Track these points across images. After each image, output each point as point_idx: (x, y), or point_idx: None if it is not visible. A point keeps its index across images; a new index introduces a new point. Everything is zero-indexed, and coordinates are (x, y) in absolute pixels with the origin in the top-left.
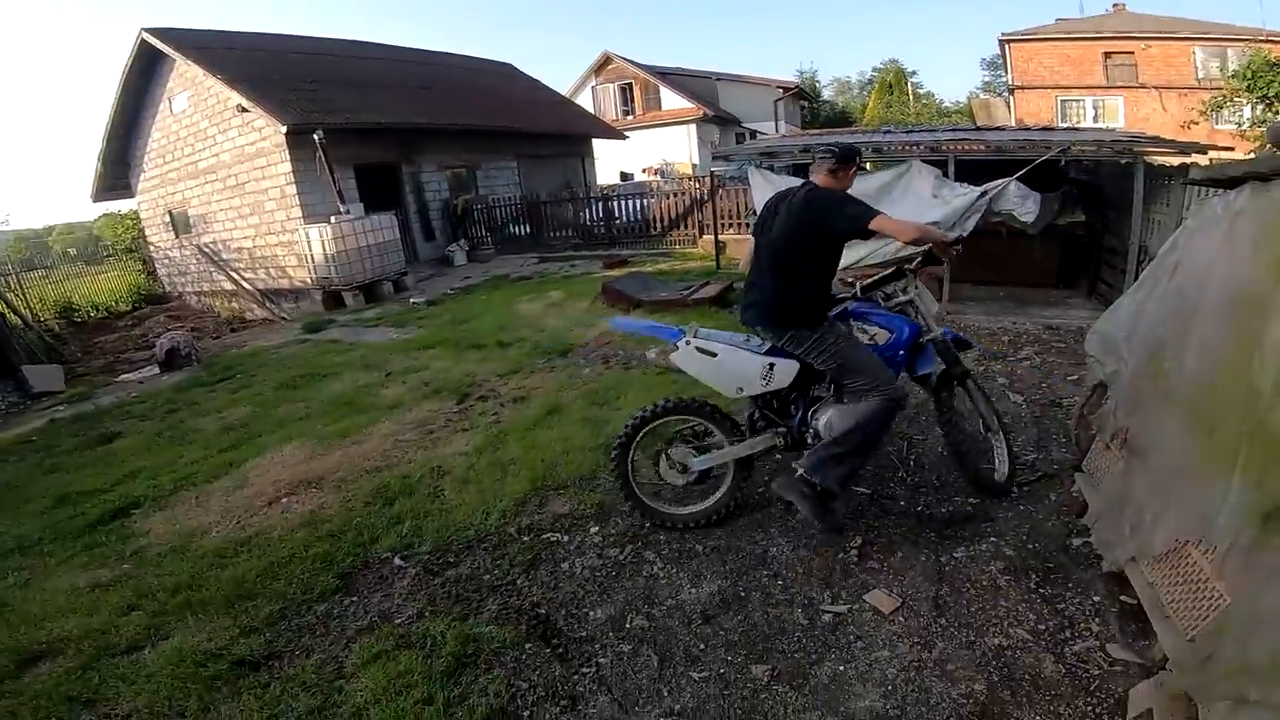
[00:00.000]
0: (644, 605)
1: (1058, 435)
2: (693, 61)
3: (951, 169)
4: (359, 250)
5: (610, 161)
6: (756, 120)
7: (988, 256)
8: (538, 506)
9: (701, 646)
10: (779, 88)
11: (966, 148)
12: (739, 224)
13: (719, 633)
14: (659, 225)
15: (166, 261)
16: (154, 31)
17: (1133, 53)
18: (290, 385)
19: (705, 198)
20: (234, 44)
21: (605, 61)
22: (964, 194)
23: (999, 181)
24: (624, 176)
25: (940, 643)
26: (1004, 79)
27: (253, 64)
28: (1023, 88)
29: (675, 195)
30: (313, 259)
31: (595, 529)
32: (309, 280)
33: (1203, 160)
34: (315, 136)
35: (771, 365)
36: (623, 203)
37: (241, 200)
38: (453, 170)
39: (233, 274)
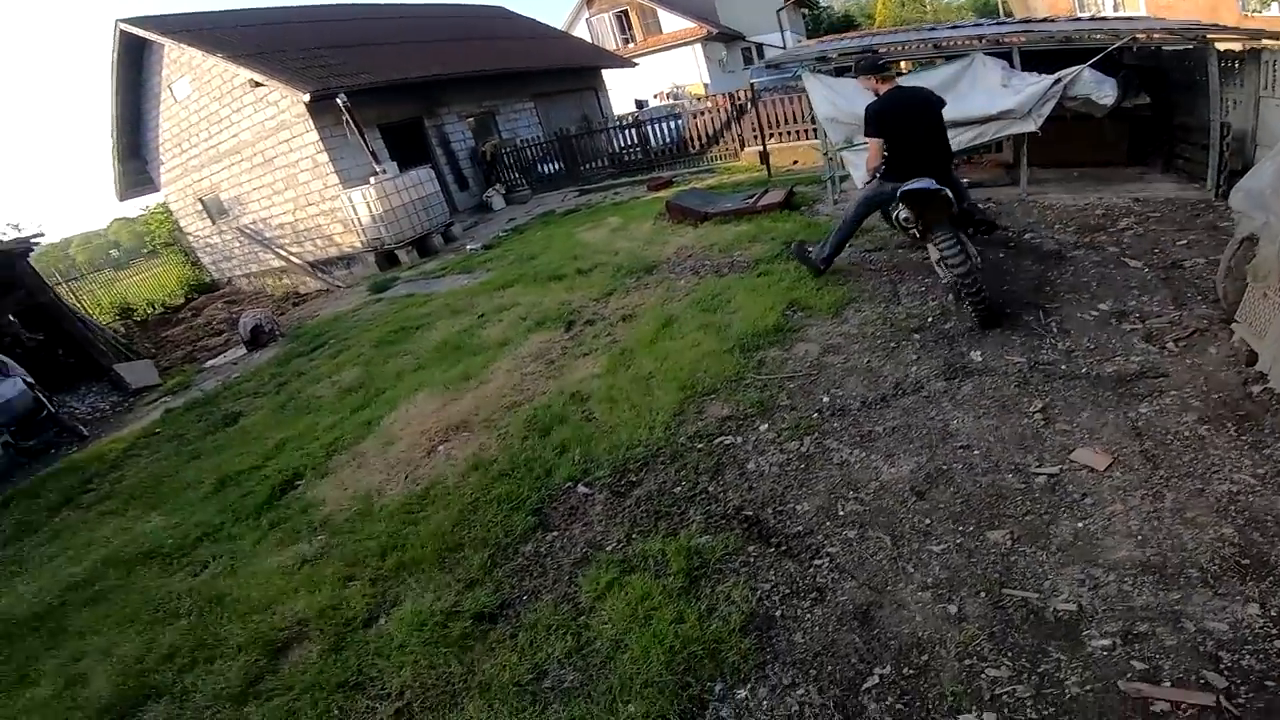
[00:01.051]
0: (849, 491)
1: (1189, 293)
2: None
3: (1017, 60)
4: (405, 207)
5: (622, 92)
6: (761, 33)
7: (1058, 140)
8: (697, 413)
9: (927, 521)
10: None
11: (1031, 39)
12: (779, 133)
13: (938, 506)
14: (697, 144)
15: (209, 249)
16: (132, 21)
17: None
18: (389, 341)
19: (744, 109)
20: (231, 21)
21: None
22: (1036, 82)
23: (1073, 69)
24: (639, 104)
25: (1170, 493)
26: None
27: (256, 38)
28: None
29: (709, 112)
30: (360, 222)
31: (765, 426)
32: (359, 244)
33: (1273, 44)
34: (339, 100)
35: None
36: (657, 126)
37: (273, 176)
38: (475, 118)
39: (279, 250)
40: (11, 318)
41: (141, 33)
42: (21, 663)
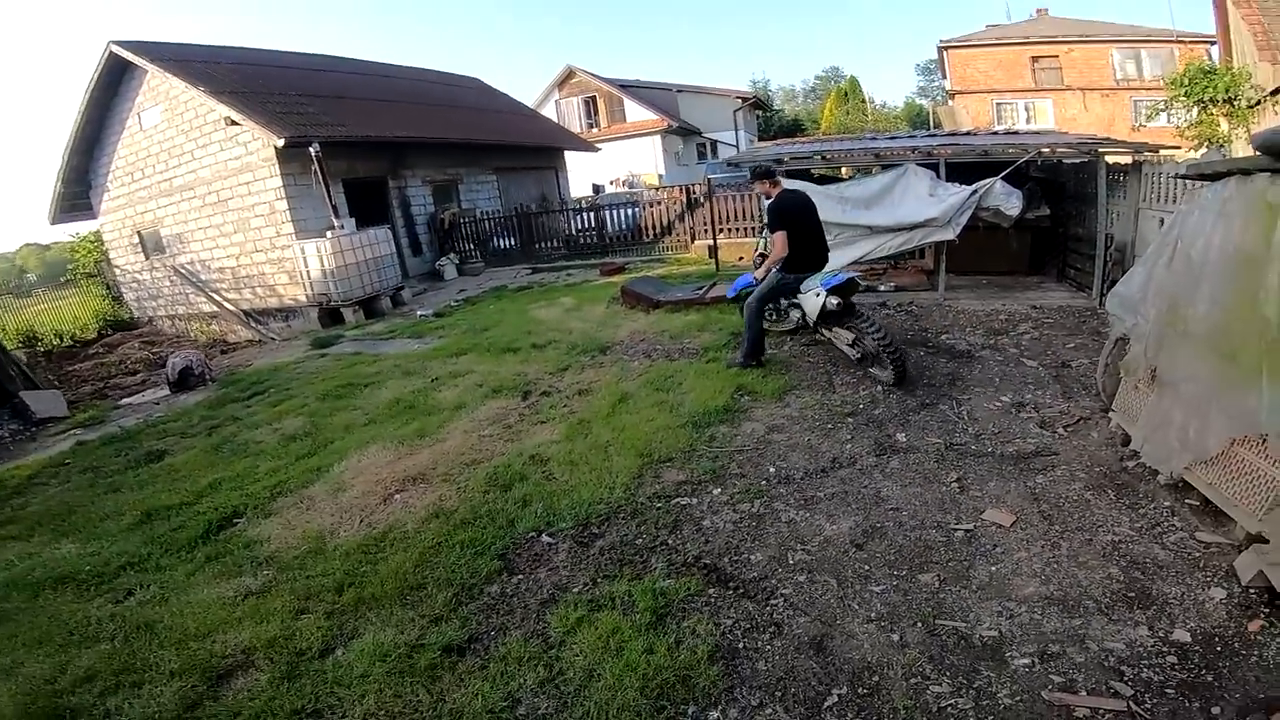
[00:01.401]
0: (797, 544)
1: (1076, 388)
2: (645, 73)
3: (943, 171)
4: (358, 265)
5: (581, 175)
6: (717, 130)
7: (971, 249)
8: (654, 478)
9: (866, 567)
10: (738, 98)
11: (955, 151)
12: (728, 228)
13: (875, 555)
14: (651, 233)
15: (135, 285)
16: (125, 44)
17: (1057, 56)
18: (335, 395)
19: (697, 203)
20: (217, 57)
21: (568, 75)
22: (957, 193)
23: (987, 181)
24: (596, 189)
25: (1064, 543)
26: (940, 84)
27: (240, 77)
28: (961, 92)
29: (664, 203)
30: (309, 275)
31: (718, 490)
32: (304, 298)
33: (1153, 157)
34: (312, 150)
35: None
36: (615, 212)
37: (224, 218)
38: (437, 184)
39: (214, 295)
40: None
41: (131, 56)
42: None
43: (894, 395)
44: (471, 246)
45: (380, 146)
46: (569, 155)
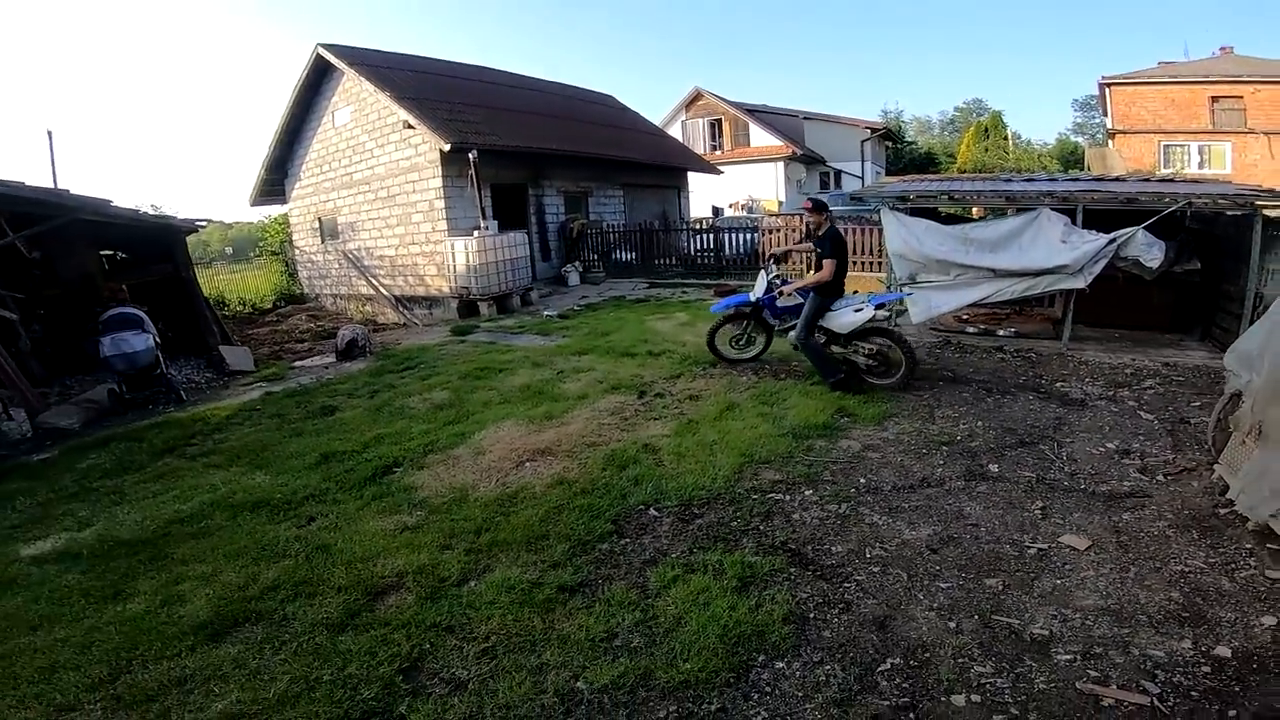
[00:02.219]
0: (876, 542)
1: (1188, 443)
2: (776, 99)
3: (1080, 218)
4: (497, 264)
5: (701, 196)
6: (842, 160)
7: (1105, 300)
8: (753, 475)
9: (937, 568)
10: (866, 128)
11: (1096, 198)
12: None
13: (947, 559)
14: (766, 258)
15: (309, 265)
16: (329, 47)
17: (1241, 96)
18: (474, 376)
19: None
20: (399, 64)
21: (696, 97)
22: (1093, 240)
23: (1127, 230)
24: (715, 210)
25: (1133, 568)
26: (1100, 121)
27: (416, 85)
28: (1123, 132)
29: (783, 230)
30: (454, 269)
31: (809, 491)
32: (447, 289)
33: None
34: (470, 156)
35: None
36: (733, 235)
37: (390, 211)
38: (569, 195)
39: (373, 279)
40: (123, 286)
41: (332, 58)
42: (116, 580)
43: (993, 431)
44: (595, 256)
45: (523, 156)
46: (691, 176)
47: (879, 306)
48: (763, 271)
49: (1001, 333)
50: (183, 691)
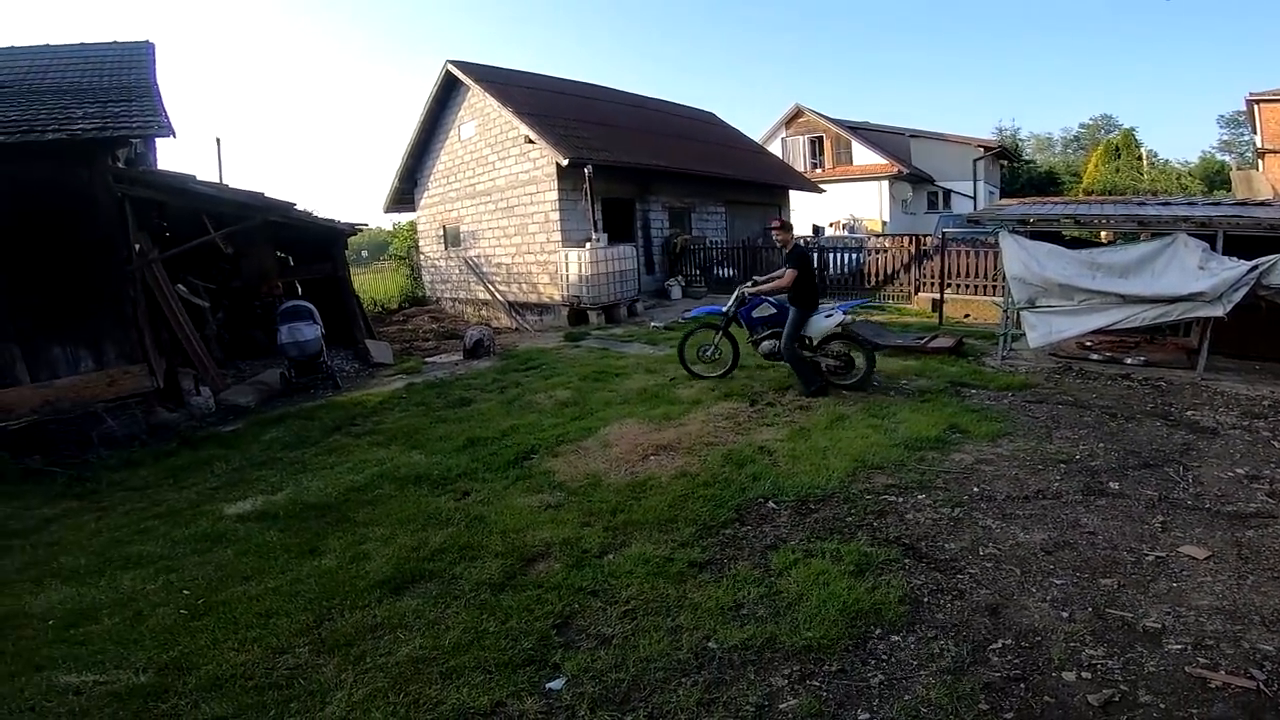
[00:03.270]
0: (989, 542)
1: None
2: (879, 117)
3: (1220, 244)
4: (607, 275)
5: (802, 214)
6: (953, 179)
7: (1247, 330)
8: (866, 479)
9: (1050, 566)
10: (979, 146)
11: (1238, 223)
12: (957, 284)
13: (1061, 560)
14: (873, 279)
15: (432, 270)
16: (457, 64)
17: None
18: (593, 378)
19: (927, 255)
20: (518, 81)
21: (796, 114)
22: (1233, 267)
23: (1271, 257)
24: (815, 229)
25: (1251, 577)
26: (1249, 139)
27: (534, 101)
28: (1274, 151)
29: (890, 251)
30: (567, 279)
31: (922, 496)
32: (558, 297)
33: None
34: (586, 170)
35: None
36: (837, 254)
37: (509, 221)
38: (674, 210)
39: (490, 285)
40: (279, 283)
41: (460, 74)
42: (310, 538)
43: (1114, 453)
44: (697, 271)
45: (632, 171)
46: (792, 194)
47: (845, 313)
48: (739, 289)
49: (1129, 360)
50: (375, 637)
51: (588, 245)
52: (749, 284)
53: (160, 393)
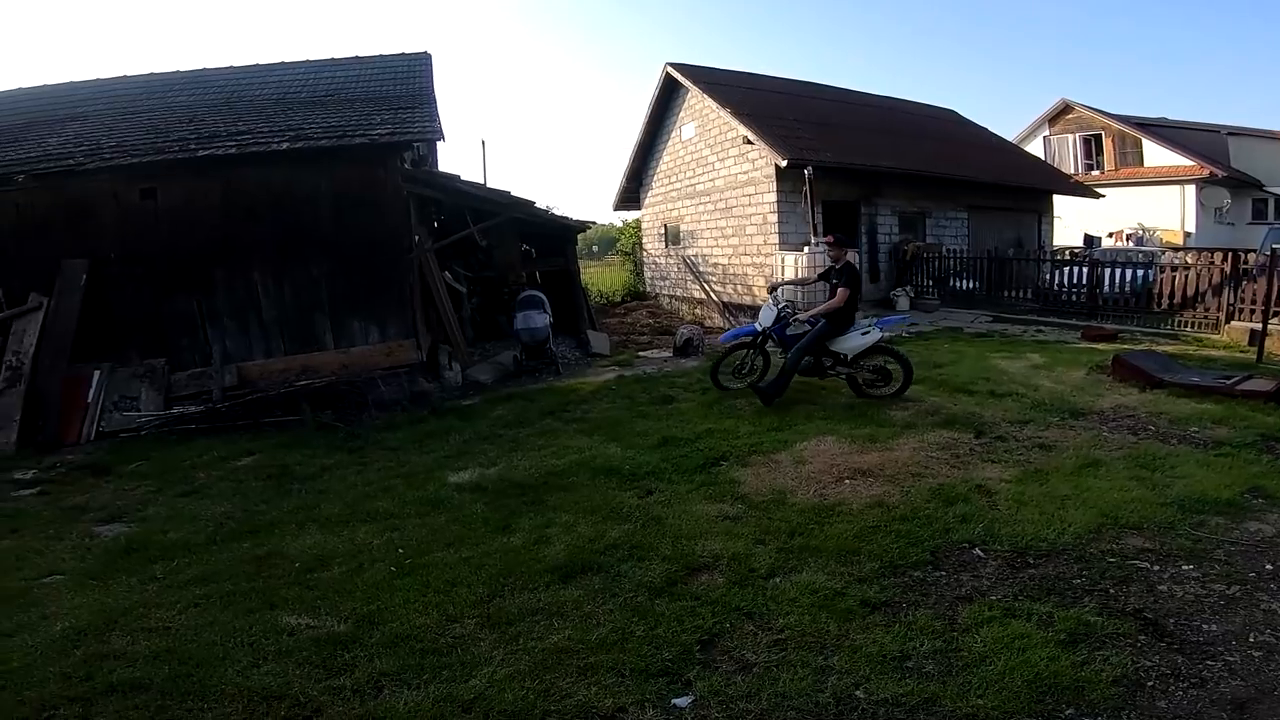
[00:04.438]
0: (1266, 629)
1: None
2: (1174, 111)
3: None
4: None
5: (1070, 222)
6: None
7: None
8: (1113, 538)
9: None
10: None
11: None
12: None
13: None
14: (1164, 301)
15: (653, 267)
16: (676, 66)
17: None
18: (796, 389)
19: (1248, 274)
20: (736, 82)
21: (1063, 110)
22: None
23: None
24: (1089, 240)
25: None
26: None
27: (752, 102)
28: None
29: (1194, 269)
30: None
31: (1189, 566)
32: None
33: None
34: (806, 172)
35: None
36: (1117, 270)
37: (726, 222)
38: (904, 215)
39: (706, 284)
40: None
41: (680, 77)
42: (506, 515)
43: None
44: (929, 282)
45: (856, 173)
46: (1057, 200)
47: (884, 330)
48: (768, 303)
49: None
50: (533, 620)
51: (805, 249)
52: (785, 304)
53: (422, 365)
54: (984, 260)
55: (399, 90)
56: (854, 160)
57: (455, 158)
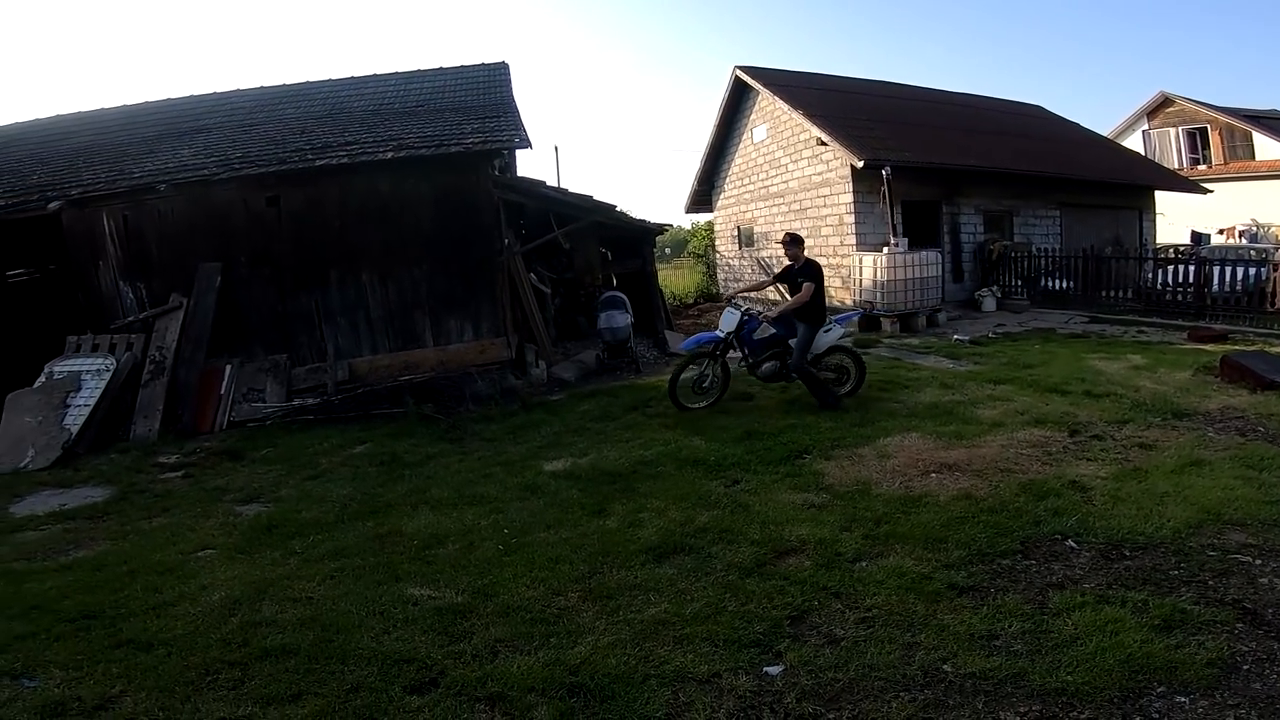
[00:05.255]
0: None
1: None
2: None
3: None
4: (905, 282)
5: (1175, 219)
6: None
7: None
8: (1215, 534)
9: None
10: None
11: None
12: None
13: None
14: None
15: (726, 268)
16: (745, 69)
17: None
18: (878, 387)
19: None
20: (807, 83)
21: (1163, 103)
22: None
23: None
24: (1195, 237)
25: None
26: None
27: (825, 103)
28: None
29: None
30: (860, 284)
31: None
32: (849, 302)
33: None
34: (884, 173)
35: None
36: (1227, 268)
37: (800, 223)
38: (990, 214)
39: (780, 286)
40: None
41: (749, 79)
42: (600, 500)
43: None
44: (1018, 282)
45: (936, 172)
46: (1160, 195)
47: (844, 326)
48: (729, 309)
49: None
50: (631, 595)
51: (885, 250)
52: (745, 308)
53: (511, 363)
54: (1079, 259)
55: (482, 100)
56: (934, 159)
57: (529, 162)
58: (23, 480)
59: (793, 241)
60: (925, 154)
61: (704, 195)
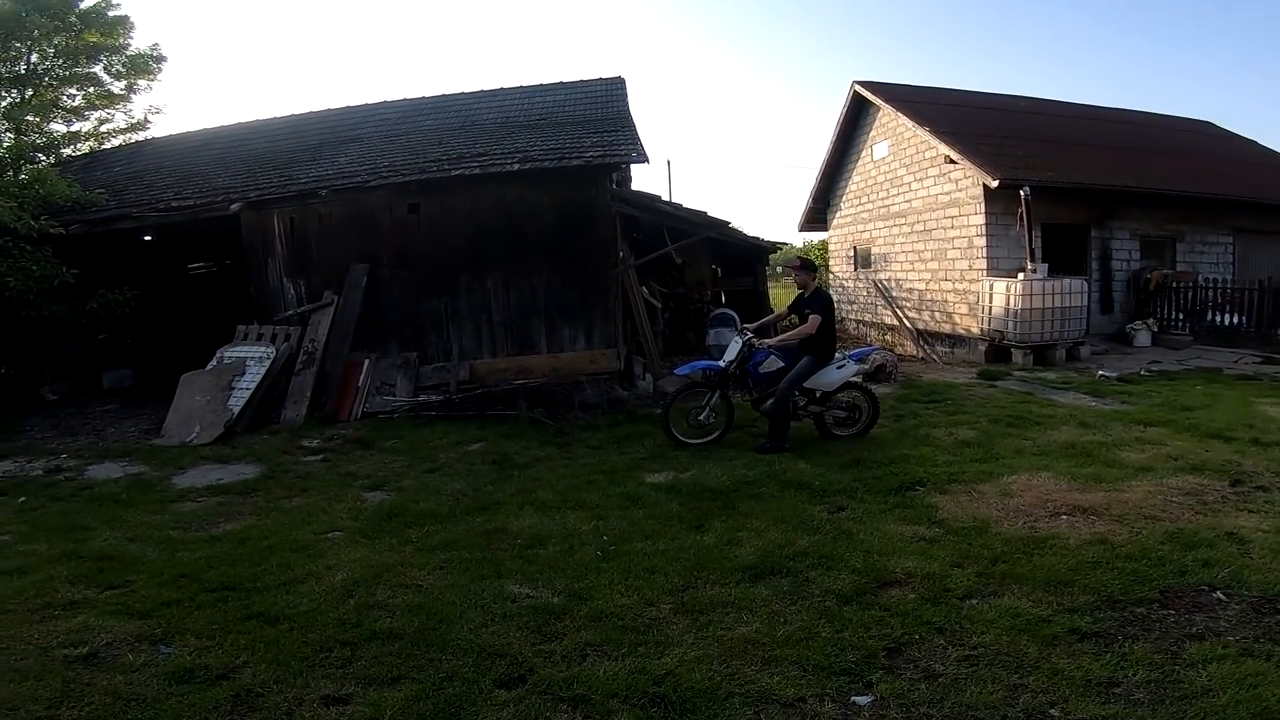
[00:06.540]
0: None
1: None
2: None
3: None
4: (1042, 311)
5: None
6: None
7: None
8: None
9: None
10: None
11: None
12: None
13: None
14: None
15: (840, 289)
16: (864, 84)
17: None
18: (1005, 422)
19: None
20: (932, 98)
21: None
22: None
23: None
24: None
25: None
26: None
27: (953, 118)
28: None
29: None
30: (989, 311)
31: None
32: (976, 330)
33: None
34: (1022, 193)
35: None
36: None
37: (924, 245)
38: (1147, 240)
39: (898, 310)
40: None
41: (869, 95)
42: (699, 515)
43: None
44: (1179, 315)
45: (1084, 194)
46: None
47: (858, 362)
48: (735, 339)
49: None
50: (723, 612)
51: (1020, 275)
52: (749, 339)
53: (620, 373)
54: (1254, 291)
55: (600, 113)
56: (1080, 178)
57: (642, 175)
58: (187, 454)
59: (804, 267)
60: (1070, 173)
61: (819, 213)
